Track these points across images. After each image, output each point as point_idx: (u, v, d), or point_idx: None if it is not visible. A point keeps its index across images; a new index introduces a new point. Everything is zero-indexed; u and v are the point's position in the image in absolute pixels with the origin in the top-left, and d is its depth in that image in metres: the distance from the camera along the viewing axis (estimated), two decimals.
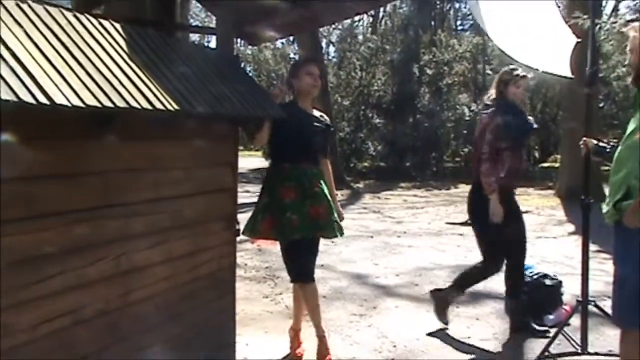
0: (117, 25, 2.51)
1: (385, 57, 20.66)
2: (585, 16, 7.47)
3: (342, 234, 3.63)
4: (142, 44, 2.57)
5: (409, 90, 19.20)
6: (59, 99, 1.84)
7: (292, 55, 24.17)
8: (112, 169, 2.36)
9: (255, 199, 3.62)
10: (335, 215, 3.58)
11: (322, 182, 3.51)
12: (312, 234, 3.48)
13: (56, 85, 1.88)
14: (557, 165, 16.93)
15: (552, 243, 7.61)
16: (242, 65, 3.66)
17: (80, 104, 1.92)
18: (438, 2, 23.88)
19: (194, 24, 22.03)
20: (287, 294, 5.00)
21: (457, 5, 26.95)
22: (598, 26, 7.45)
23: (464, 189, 15.40)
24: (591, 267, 3.45)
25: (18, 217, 1.96)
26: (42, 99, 1.78)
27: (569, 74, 3.29)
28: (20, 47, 1.88)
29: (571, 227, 8.92)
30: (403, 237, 8.12)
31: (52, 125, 2.03)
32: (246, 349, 3.62)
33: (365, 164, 19.75)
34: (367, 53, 20.85)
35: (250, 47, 21.62)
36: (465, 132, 19.42)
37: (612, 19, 7.28)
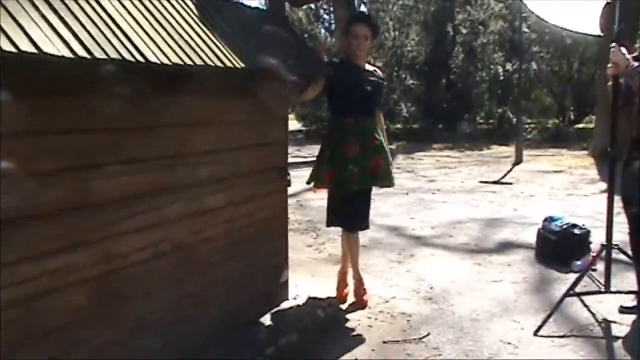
0: None
1: (419, 17, 20.57)
2: None
3: (394, 184, 3.92)
4: (208, 7, 2.85)
5: (443, 50, 19.16)
6: (152, 58, 2.15)
7: (325, 16, 24.13)
8: (186, 122, 2.68)
9: (292, 159, 3.86)
10: (391, 165, 3.86)
11: (380, 134, 3.78)
12: (370, 185, 3.77)
13: (147, 46, 2.19)
14: (592, 126, 16.84)
15: (583, 200, 7.77)
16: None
17: (167, 62, 2.23)
18: None
19: None
20: (329, 243, 5.37)
21: None
22: None
23: (497, 150, 15.58)
24: (617, 220, 3.67)
25: (110, 162, 2.29)
26: (140, 58, 2.09)
27: (598, 32, 3.47)
28: (114, 10, 2.18)
29: (603, 186, 9.02)
30: (437, 194, 8.39)
31: (140, 81, 2.34)
32: (296, 290, 3.96)
33: (399, 125, 19.88)
34: (400, 13, 20.79)
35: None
36: (499, 92, 19.41)
37: None
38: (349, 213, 3.83)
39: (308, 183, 3.86)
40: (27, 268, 1.97)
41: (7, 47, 1.64)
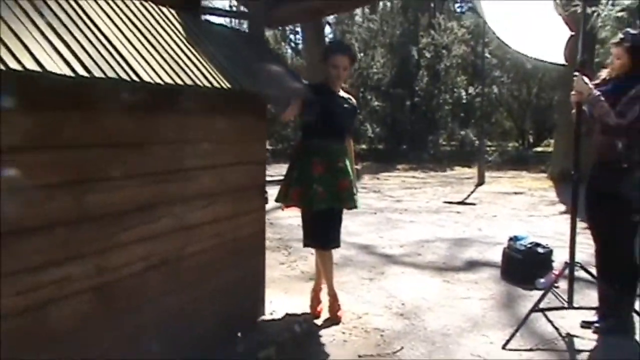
0: (173, 12, 2.88)
1: (384, 39, 20.95)
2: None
3: (358, 205, 4.03)
4: (194, 29, 2.95)
5: (407, 72, 19.54)
6: (145, 77, 2.23)
7: (291, 36, 24.41)
8: (175, 139, 2.76)
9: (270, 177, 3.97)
10: (356, 189, 3.97)
11: (346, 158, 3.90)
12: (336, 205, 3.87)
13: (141, 66, 2.27)
14: (550, 149, 17.36)
15: (543, 221, 8.04)
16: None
17: (160, 81, 2.31)
18: None
19: None
20: (300, 261, 5.46)
21: None
22: (596, 13, 7.83)
23: (460, 171, 15.92)
24: (579, 240, 3.85)
25: (98, 178, 2.35)
26: (134, 77, 2.17)
27: (562, 61, 3.69)
28: (110, 33, 2.26)
29: (562, 207, 9.34)
30: (404, 213, 8.57)
31: (134, 99, 2.42)
32: (271, 305, 4.03)
33: (364, 146, 20.12)
34: (366, 35, 21.15)
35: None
36: (462, 114, 19.85)
37: (609, 6, 7.63)
38: (321, 232, 3.93)
39: (277, 201, 3.95)
40: (26, 279, 2.01)
41: (14, 65, 1.71)
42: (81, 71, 1.93)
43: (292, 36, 24.38)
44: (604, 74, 3.70)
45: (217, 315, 3.20)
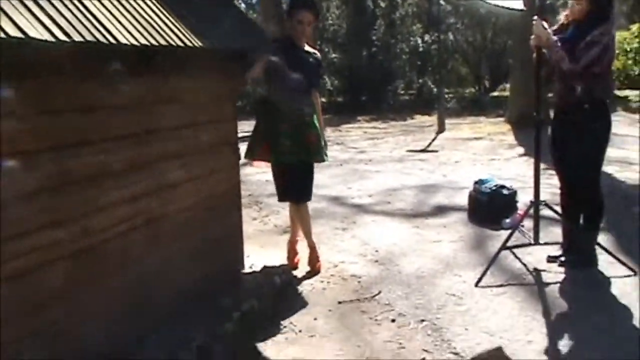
0: None
1: None
2: None
3: (327, 159, 4.11)
4: None
5: (363, 23, 19.46)
6: (122, 39, 2.24)
7: None
8: (151, 100, 2.78)
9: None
10: (323, 142, 4.03)
11: (313, 112, 3.94)
12: (304, 158, 3.93)
13: (117, 28, 2.27)
14: (506, 94, 17.66)
15: (504, 164, 8.28)
16: None
17: (135, 42, 2.32)
18: None
19: None
20: (273, 215, 5.55)
21: None
22: None
23: (420, 119, 16.12)
24: (541, 181, 4.02)
25: (83, 142, 2.37)
26: (112, 40, 2.18)
27: (520, 6, 3.78)
28: None
29: (521, 150, 9.60)
30: (369, 164, 8.70)
31: (108, 61, 2.42)
32: (249, 260, 4.12)
33: (323, 99, 20.12)
34: None
35: None
36: (419, 63, 19.97)
37: None
38: (294, 187, 4.01)
39: (245, 157, 3.99)
40: (13, 245, 2.04)
41: None
42: (61, 36, 1.94)
43: None
44: (562, 18, 3.81)
45: (199, 270, 3.27)
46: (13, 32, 1.76)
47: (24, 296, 2.12)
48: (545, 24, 3.67)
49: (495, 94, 22.36)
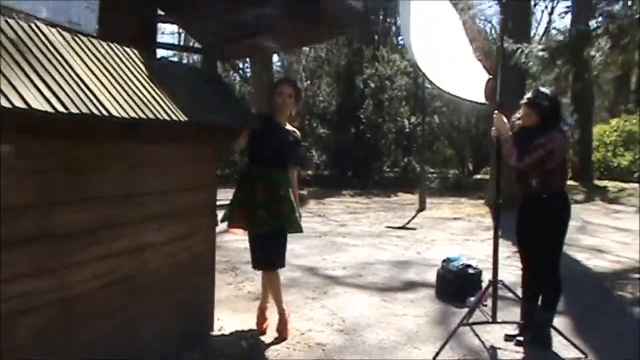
0: (136, 52, 3.17)
1: (330, 69, 21.54)
2: (511, 40, 8.51)
3: (302, 230, 4.34)
4: (155, 67, 3.24)
5: (352, 102, 20.11)
6: (114, 112, 2.52)
7: (240, 65, 24.70)
8: (135, 165, 3.03)
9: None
10: (297, 214, 4.28)
11: (288, 186, 4.21)
12: (277, 228, 4.16)
13: (109, 102, 2.55)
14: (488, 177, 18.13)
15: (479, 244, 8.52)
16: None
17: (125, 115, 2.60)
18: (381, 18, 24.95)
19: None
20: (247, 282, 5.72)
21: (399, 22, 28.17)
22: (520, 50, 8.46)
23: (403, 197, 16.45)
24: (507, 263, 4.29)
25: (69, 201, 2.61)
26: (105, 112, 2.45)
27: (482, 100, 4.14)
28: (82, 72, 2.54)
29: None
30: (347, 237, 8.93)
31: (96, 130, 2.69)
32: (219, 323, 4.28)
33: (309, 172, 20.50)
34: (312, 64, 21.70)
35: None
36: (405, 143, 20.51)
37: (532, 45, 8.27)
38: (266, 254, 4.21)
39: (222, 221, 4.22)
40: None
41: (5, 103, 1.98)
42: (60, 108, 2.21)
43: (240, 64, 24.67)
44: (516, 118, 4.17)
45: (169, 329, 3.44)
46: (18, 102, 2.03)
47: (7, 338, 2.29)
48: (505, 119, 4.03)
49: (478, 176, 22.87)
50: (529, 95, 4.13)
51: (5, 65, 2.11)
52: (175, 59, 23.08)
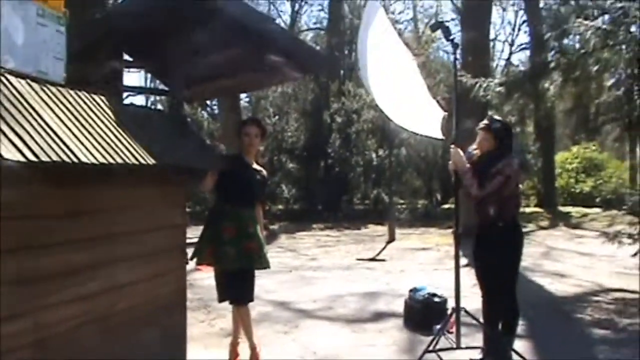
0: (103, 98, 3.29)
1: (297, 104, 21.85)
2: (469, 76, 8.85)
3: (269, 266, 4.46)
4: (122, 112, 3.37)
5: (320, 136, 20.41)
6: (83, 158, 2.63)
7: (207, 102, 24.84)
8: (104, 208, 3.13)
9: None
10: (265, 250, 4.40)
11: (256, 223, 4.34)
12: (246, 265, 4.27)
13: (79, 148, 2.67)
14: None
15: (446, 274, 8.67)
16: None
17: (95, 161, 2.71)
18: (346, 53, 25.42)
19: None
20: (220, 319, 5.78)
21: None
22: (478, 84, 8.78)
23: (373, 228, 16.61)
24: (473, 290, 4.47)
25: (38, 245, 2.70)
26: (74, 159, 2.57)
27: (440, 136, 4.36)
28: (52, 121, 2.66)
29: (464, 261, 10.01)
30: (318, 270, 9.04)
31: (66, 176, 2.80)
32: None
33: (280, 206, 20.62)
34: (280, 100, 22.00)
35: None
36: (373, 175, 20.79)
37: (488, 79, 8.62)
38: (234, 289, 4.32)
39: (191, 259, 4.30)
40: None
41: None
42: (31, 157, 2.32)
43: (208, 101, 24.81)
44: (473, 151, 4.39)
45: None
46: None
47: None
48: (461, 152, 4.24)
49: (446, 206, 23.20)
50: (484, 121, 4.36)
51: None
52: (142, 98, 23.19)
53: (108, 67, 4.41)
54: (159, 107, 19.27)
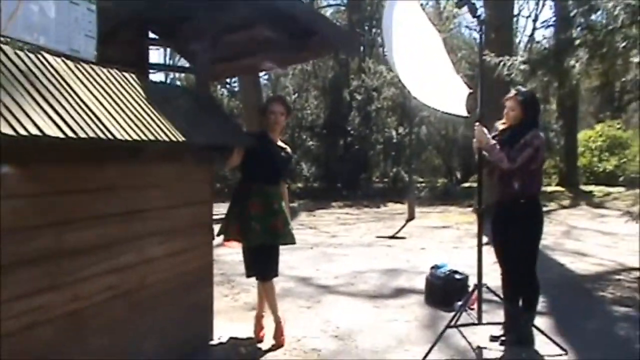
0: (133, 76, 3.37)
1: (317, 82, 21.83)
2: (493, 54, 8.81)
3: (295, 242, 4.54)
4: (152, 89, 3.44)
5: (340, 114, 20.40)
6: (118, 135, 2.71)
7: (227, 79, 24.90)
8: (136, 184, 3.22)
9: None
10: (290, 226, 4.48)
11: (281, 200, 4.42)
12: (271, 241, 4.36)
13: (113, 125, 2.75)
14: (475, 185, 18.37)
15: (466, 252, 8.72)
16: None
17: (128, 137, 2.79)
18: (366, 29, 25.26)
19: None
20: (243, 293, 5.90)
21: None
22: (502, 63, 8.74)
23: (392, 207, 16.65)
24: (493, 268, 4.52)
25: (76, 219, 2.80)
26: (110, 136, 2.65)
27: (464, 113, 4.38)
28: (87, 99, 2.74)
29: (484, 239, 10.06)
30: (339, 247, 9.13)
31: (101, 152, 2.88)
32: (218, 332, 4.45)
33: (300, 184, 20.72)
34: (299, 78, 21.98)
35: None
36: (393, 153, 20.77)
37: (513, 57, 8.58)
38: (260, 265, 4.42)
39: (218, 235, 4.41)
40: (17, 305, 2.42)
41: (22, 131, 2.17)
42: (70, 133, 2.40)
43: (228, 79, 24.86)
44: (499, 125, 4.40)
45: (171, 338, 3.62)
46: (33, 130, 2.22)
47: (27, 350, 2.47)
48: (485, 130, 4.25)
49: (466, 185, 23.13)
50: (511, 92, 4.37)
51: (18, 95, 2.30)
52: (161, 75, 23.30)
53: (134, 44, 4.49)
54: (178, 84, 19.38)
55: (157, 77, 31.17)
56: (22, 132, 2.15)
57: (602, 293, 6.04)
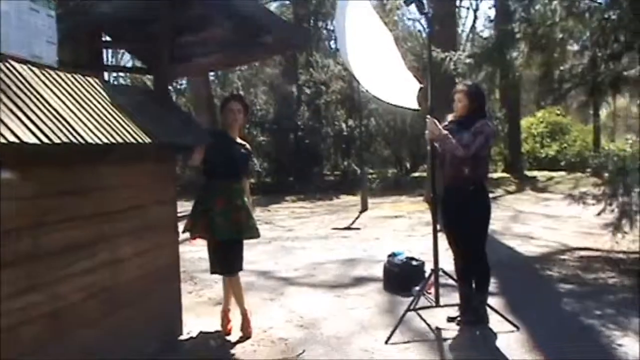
0: (96, 80, 3.44)
1: (265, 77, 21.88)
2: (439, 50, 9.13)
3: (259, 235, 4.68)
4: (114, 92, 3.52)
5: (289, 108, 20.52)
6: (89, 139, 2.79)
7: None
8: (101, 186, 3.30)
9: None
10: (254, 220, 4.61)
11: (243, 195, 4.54)
12: (236, 235, 4.48)
13: (83, 130, 2.83)
14: (425, 174, 18.84)
15: (420, 239, 9.02)
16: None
17: (99, 141, 2.87)
18: (312, 23, 25.40)
19: None
20: (207, 289, 5.99)
21: (330, 26, 28.68)
22: (448, 58, 9.07)
23: (345, 199, 16.90)
24: (448, 254, 4.77)
25: (53, 221, 2.87)
26: (81, 140, 2.73)
27: (416, 106, 4.60)
28: (57, 105, 2.80)
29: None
30: (296, 241, 9.29)
31: (73, 156, 2.96)
32: (186, 328, 4.55)
33: (252, 180, 20.72)
34: (248, 74, 21.99)
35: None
36: (344, 146, 21.01)
37: (458, 52, 8.92)
38: (226, 260, 4.53)
39: (183, 232, 4.52)
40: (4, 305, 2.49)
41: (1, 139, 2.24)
42: (45, 140, 2.48)
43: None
44: (450, 117, 4.63)
45: (142, 335, 3.71)
46: (11, 138, 2.30)
47: (10, 349, 2.54)
48: (437, 122, 4.48)
49: (416, 174, 23.61)
50: (459, 86, 4.61)
51: None
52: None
53: (91, 47, 4.53)
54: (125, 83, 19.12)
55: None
56: (1, 139, 2.22)
57: (548, 272, 6.40)
